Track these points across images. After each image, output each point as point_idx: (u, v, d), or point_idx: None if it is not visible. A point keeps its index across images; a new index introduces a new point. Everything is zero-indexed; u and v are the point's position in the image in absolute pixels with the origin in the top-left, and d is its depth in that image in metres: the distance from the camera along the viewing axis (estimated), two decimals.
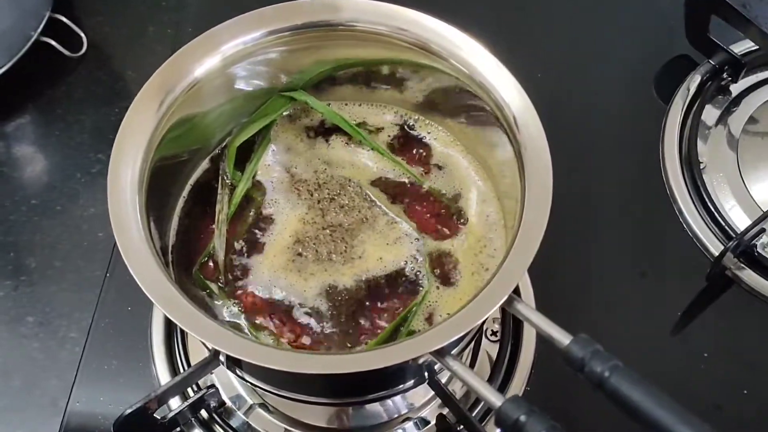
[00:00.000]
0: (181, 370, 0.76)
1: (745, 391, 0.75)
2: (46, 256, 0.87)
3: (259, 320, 0.65)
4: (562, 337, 0.54)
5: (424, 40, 0.66)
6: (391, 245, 0.68)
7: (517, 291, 0.68)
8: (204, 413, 0.73)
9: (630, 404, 0.50)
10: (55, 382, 0.80)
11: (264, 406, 0.75)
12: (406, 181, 0.72)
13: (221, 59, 0.66)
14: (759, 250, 0.79)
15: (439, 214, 0.70)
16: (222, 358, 0.62)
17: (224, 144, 0.72)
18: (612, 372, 0.52)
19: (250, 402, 0.76)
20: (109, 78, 0.99)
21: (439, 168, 0.72)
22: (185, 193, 0.70)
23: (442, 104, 0.71)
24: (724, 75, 0.90)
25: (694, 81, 0.91)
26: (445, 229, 0.69)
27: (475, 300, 0.56)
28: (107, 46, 1.01)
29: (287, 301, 0.66)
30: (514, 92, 0.63)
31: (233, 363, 0.62)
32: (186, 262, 0.67)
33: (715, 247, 0.82)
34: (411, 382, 0.63)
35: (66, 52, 0.97)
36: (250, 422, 0.75)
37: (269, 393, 0.66)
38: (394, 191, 0.71)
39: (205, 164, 0.72)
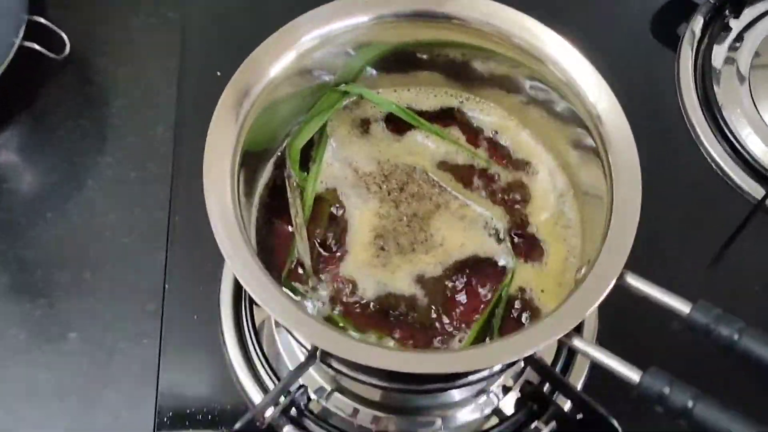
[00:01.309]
0: (260, 368, 0.76)
1: None
2: (74, 269, 0.85)
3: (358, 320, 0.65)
4: (682, 306, 0.57)
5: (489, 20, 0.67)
6: (468, 229, 0.69)
7: None
8: (294, 411, 0.74)
9: (765, 363, 0.53)
10: (114, 395, 0.79)
11: (339, 389, 0.76)
12: (470, 162, 0.72)
13: (296, 55, 0.66)
14: None
15: (506, 190, 0.71)
16: (318, 355, 0.62)
17: (284, 146, 0.71)
18: (741, 334, 0.54)
19: (329, 389, 0.76)
20: (99, 76, 0.97)
21: (501, 145, 0.73)
22: (256, 201, 0.69)
23: (500, 84, 0.71)
24: (726, 12, 0.92)
25: (697, 23, 0.93)
26: (517, 205, 0.70)
27: (587, 281, 0.58)
28: (91, 44, 0.97)
29: (380, 297, 0.66)
30: (593, 83, 0.64)
31: (333, 360, 0.63)
32: (269, 269, 0.67)
33: (744, 182, 0.85)
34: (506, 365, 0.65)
35: (51, 55, 0.93)
36: (329, 407, 0.76)
37: (351, 380, 0.67)
38: (460, 173, 0.72)
39: (269, 169, 0.71)
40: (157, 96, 0.93)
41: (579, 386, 0.74)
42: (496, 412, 0.75)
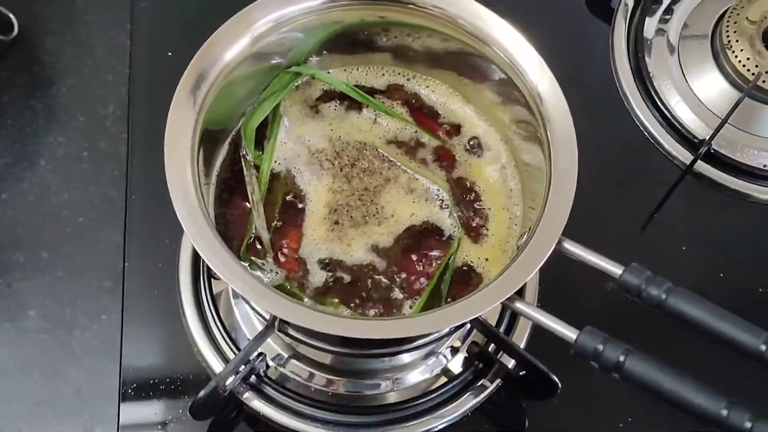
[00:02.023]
0: (219, 338, 0.79)
1: (721, 275, 0.85)
2: (31, 249, 0.86)
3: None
4: (615, 269, 0.62)
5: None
6: (417, 200, 0.73)
7: None
8: (253, 378, 0.77)
9: (691, 320, 0.58)
10: (74, 371, 0.81)
11: (296, 356, 0.80)
12: (417, 137, 0.76)
13: (251, 40, 0.68)
14: (715, 147, 0.88)
15: (452, 163, 0.75)
16: (276, 324, 0.66)
17: (240, 126, 0.74)
18: (668, 293, 0.59)
19: (286, 356, 0.80)
20: (50, 57, 0.97)
21: (446, 120, 0.77)
22: (214, 179, 0.72)
23: (446, 63, 0.75)
24: None
25: None
26: (462, 177, 0.74)
27: (528, 248, 0.62)
28: (39, 24, 0.97)
29: (338, 268, 0.70)
30: (534, 63, 0.68)
31: (291, 328, 0.66)
32: (228, 244, 0.70)
33: (674, 148, 0.90)
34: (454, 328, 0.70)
35: None
36: (286, 373, 0.79)
37: (307, 347, 0.71)
38: (408, 148, 0.75)
39: (225, 149, 0.73)
40: (108, 75, 0.94)
41: (522, 345, 0.79)
42: (445, 372, 0.79)
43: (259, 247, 0.70)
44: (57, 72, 0.96)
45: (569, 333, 0.60)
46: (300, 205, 0.72)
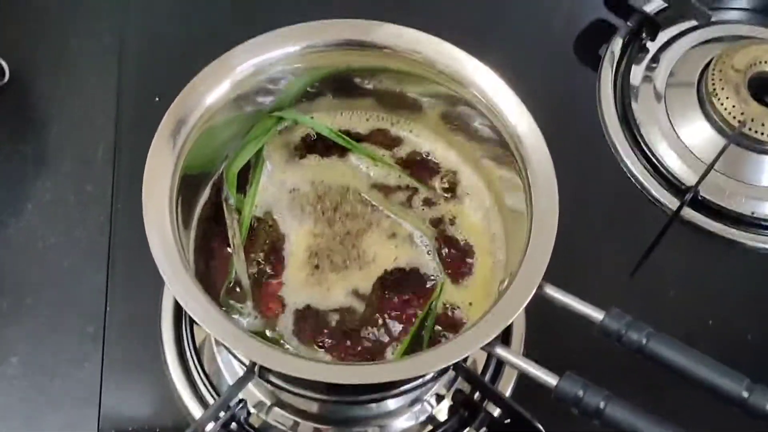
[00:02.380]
0: (201, 385, 0.78)
1: (710, 322, 0.84)
2: (15, 293, 0.85)
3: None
4: (596, 314, 0.61)
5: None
6: (399, 245, 0.72)
7: None
8: (234, 425, 0.76)
9: (671, 365, 0.58)
10: (53, 419, 0.80)
11: (278, 403, 0.78)
12: (400, 182, 0.76)
13: (231, 85, 0.69)
14: (703, 194, 0.88)
15: (436, 208, 0.75)
16: (256, 371, 0.65)
17: (221, 171, 0.74)
18: (648, 338, 0.59)
19: (268, 403, 0.79)
20: (40, 102, 0.97)
21: (429, 165, 0.77)
22: (194, 222, 0.72)
23: (429, 108, 0.75)
24: (643, 35, 0.97)
25: (616, 44, 0.98)
26: (446, 221, 0.74)
27: (508, 293, 0.62)
28: (31, 70, 0.98)
29: (317, 314, 0.69)
30: (513, 106, 0.68)
31: (272, 375, 0.65)
32: (208, 289, 0.69)
33: (661, 195, 0.90)
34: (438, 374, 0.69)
35: None
36: (269, 421, 0.78)
37: (290, 394, 0.70)
38: (391, 193, 0.75)
39: (207, 192, 0.73)
40: (97, 117, 0.94)
41: (509, 391, 0.78)
42: (431, 419, 0.78)
43: (239, 291, 0.70)
44: (47, 116, 0.96)
45: (549, 379, 0.59)
46: (281, 250, 0.71)
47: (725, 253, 0.89)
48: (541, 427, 0.70)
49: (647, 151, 0.92)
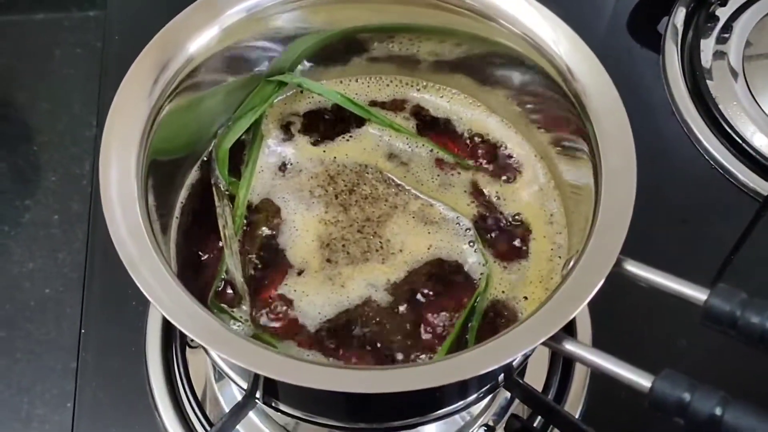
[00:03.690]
0: (194, 419, 0.64)
1: None
2: None
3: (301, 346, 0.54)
4: (697, 294, 0.45)
5: None
6: (433, 231, 0.58)
7: None
8: None
9: None
10: None
11: None
12: (432, 155, 0.62)
13: (219, 30, 0.56)
14: None
15: (477, 185, 0.60)
16: (259, 395, 0.52)
17: (211, 148, 0.60)
18: None
19: None
20: (21, 113, 0.89)
21: (467, 134, 0.62)
22: (177, 212, 0.58)
23: (461, 68, 0.62)
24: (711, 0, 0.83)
25: (679, 16, 0.84)
26: (491, 201, 0.59)
27: (575, 272, 0.47)
28: (13, 80, 0.91)
29: (328, 317, 0.54)
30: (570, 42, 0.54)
31: (274, 397, 0.52)
32: (194, 291, 0.55)
33: (750, 179, 0.76)
34: (484, 390, 0.53)
35: None
36: None
37: (299, 421, 0.55)
38: (420, 169, 0.61)
39: (192, 174, 0.59)
40: (84, 130, 0.86)
41: (578, 413, 0.61)
42: None
43: (231, 293, 0.55)
44: (27, 129, 0.88)
45: (641, 380, 0.43)
46: (283, 242, 0.57)
47: None
48: None
49: (730, 132, 0.77)
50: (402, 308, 0.55)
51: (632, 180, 0.48)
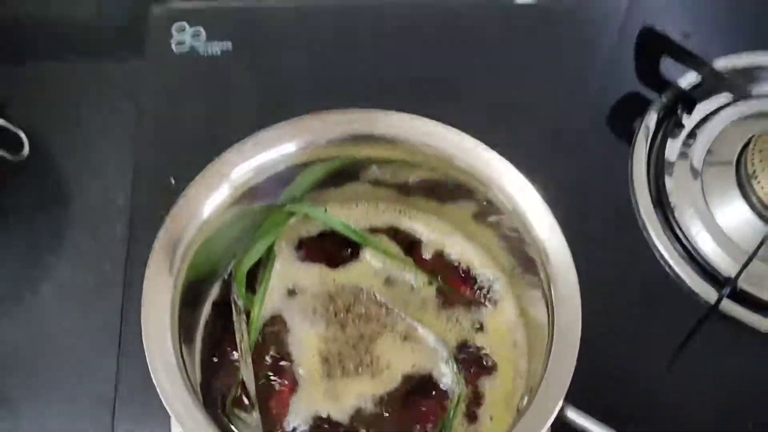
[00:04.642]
0: None
1: (751, 425, 0.79)
2: (26, 376, 0.83)
3: None
4: None
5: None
6: (415, 351, 0.69)
7: None
8: None
9: None
10: None
11: None
12: (419, 281, 0.72)
13: (229, 190, 0.65)
14: (742, 286, 0.83)
15: (456, 310, 0.71)
16: None
17: (230, 269, 0.71)
18: None
19: None
20: (60, 177, 0.95)
21: (449, 263, 0.73)
22: (201, 327, 0.69)
23: (454, 206, 0.72)
24: (678, 110, 0.93)
25: (651, 118, 0.94)
26: (466, 325, 0.70)
27: (531, 407, 0.58)
28: (50, 145, 0.96)
29: (325, 426, 0.66)
30: (541, 215, 0.65)
31: None
32: (214, 398, 0.66)
33: (697, 287, 0.85)
34: None
35: (8, 156, 0.92)
36: None
37: None
38: (407, 293, 0.72)
39: (214, 293, 0.70)
40: (117, 195, 0.93)
41: None
42: None
43: (245, 400, 0.66)
44: (65, 193, 0.94)
45: None
46: (290, 356, 0.68)
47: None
48: None
49: (681, 237, 0.86)
50: (387, 421, 0.66)
51: (574, 350, 0.59)
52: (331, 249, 0.73)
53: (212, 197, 0.65)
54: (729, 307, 0.83)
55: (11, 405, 0.82)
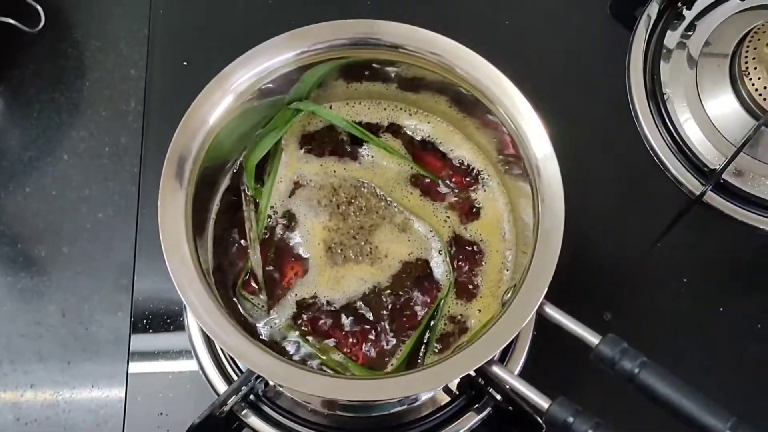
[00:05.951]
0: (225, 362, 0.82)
1: (721, 309, 0.85)
2: (52, 243, 0.89)
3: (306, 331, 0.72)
4: (591, 338, 0.63)
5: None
6: (411, 241, 0.74)
7: None
8: (252, 397, 0.80)
9: (659, 397, 0.60)
10: (91, 364, 0.85)
11: None
12: (417, 175, 0.77)
13: (234, 98, 0.70)
14: (725, 177, 0.87)
15: (452, 203, 0.76)
16: None
17: (240, 161, 0.75)
18: (641, 368, 0.60)
19: None
20: (75, 50, 0.98)
21: (447, 158, 0.77)
22: (213, 214, 0.74)
23: (452, 106, 0.76)
24: (679, 3, 0.94)
25: (653, 8, 0.95)
26: (460, 217, 0.75)
27: (507, 312, 0.64)
28: (65, 17, 0.99)
29: (329, 308, 0.72)
30: (534, 129, 0.69)
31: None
32: (226, 282, 0.73)
33: (684, 177, 0.89)
34: None
35: (25, 29, 0.95)
36: (284, 392, 0.81)
37: None
38: (407, 186, 0.76)
39: (225, 182, 0.75)
40: (130, 69, 0.96)
41: (519, 368, 0.79)
42: (447, 391, 0.80)
43: (253, 284, 0.72)
44: (81, 65, 0.97)
45: (542, 402, 0.62)
46: (296, 243, 0.73)
47: (745, 239, 0.88)
48: (540, 421, 0.72)
49: (671, 126, 0.90)
50: (384, 305, 0.72)
51: (555, 254, 0.64)
52: (335, 144, 0.77)
53: (218, 107, 0.69)
54: (711, 197, 0.88)
55: (40, 265, 0.88)
